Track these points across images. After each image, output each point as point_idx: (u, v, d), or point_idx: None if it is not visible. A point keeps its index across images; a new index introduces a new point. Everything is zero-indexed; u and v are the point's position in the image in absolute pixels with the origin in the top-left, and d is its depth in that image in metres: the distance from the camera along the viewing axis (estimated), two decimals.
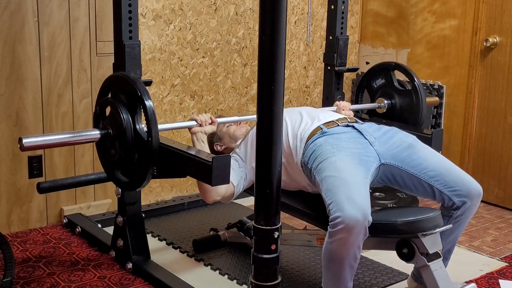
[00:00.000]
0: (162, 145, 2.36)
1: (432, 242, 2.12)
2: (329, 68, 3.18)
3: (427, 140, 2.70)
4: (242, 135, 2.62)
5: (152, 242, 2.94)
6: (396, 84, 3.02)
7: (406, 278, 2.64)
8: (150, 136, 2.08)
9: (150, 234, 3.06)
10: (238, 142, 2.56)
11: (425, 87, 3.67)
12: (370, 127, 2.39)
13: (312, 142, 2.27)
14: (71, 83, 3.10)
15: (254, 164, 2.40)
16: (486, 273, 2.75)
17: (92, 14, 3.10)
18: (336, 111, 2.86)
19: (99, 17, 3.12)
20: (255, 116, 1.74)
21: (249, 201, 3.54)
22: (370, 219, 1.95)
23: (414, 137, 2.41)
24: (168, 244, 2.98)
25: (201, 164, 2.15)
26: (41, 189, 2.52)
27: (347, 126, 2.37)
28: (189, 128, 2.39)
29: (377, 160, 2.25)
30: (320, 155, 2.19)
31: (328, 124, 2.35)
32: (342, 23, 3.15)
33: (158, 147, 2.10)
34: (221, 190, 2.33)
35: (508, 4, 3.54)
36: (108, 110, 2.23)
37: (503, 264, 2.85)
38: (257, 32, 1.69)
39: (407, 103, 2.97)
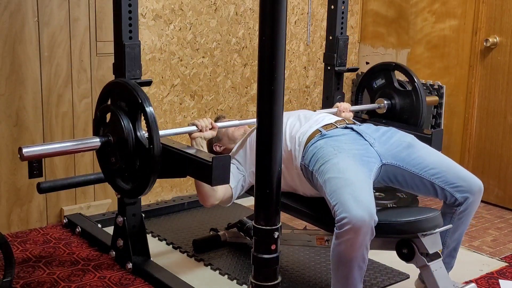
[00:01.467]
0: (162, 145, 2.37)
1: (432, 242, 2.12)
2: (329, 68, 3.18)
3: (427, 140, 2.70)
4: (241, 136, 2.62)
5: (152, 242, 2.94)
6: (396, 84, 3.02)
7: (406, 278, 2.64)
8: (151, 144, 2.07)
9: (150, 234, 3.06)
10: (235, 148, 2.56)
11: (425, 87, 3.67)
12: (368, 128, 2.40)
13: (312, 145, 2.27)
14: (71, 83, 3.10)
15: (254, 169, 2.42)
16: (486, 273, 2.75)
17: (92, 14, 3.10)
18: (336, 113, 2.86)
19: (99, 17, 3.12)
20: (255, 120, 1.74)
21: (249, 201, 3.54)
22: (376, 218, 1.96)
23: (413, 136, 2.42)
24: (168, 244, 2.98)
25: (201, 164, 2.15)
26: (41, 189, 2.52)
27: (346, 128, 2.37)
28: (189, 133, 2.39)
29: (378, 161, 2.25)
30: (322, 157, 2.19)
31: (327, 126, 2.35)
32: (342, 23, 3.15)
33: (160, 154, 2.09)
34: (219, 194, 2.33)
35: (508, 4, 3.54)
36: (108, 116, 2.22)
37: (503, 264, 2.85)
38: (257, 32, 1.69)
39: (407, 103, 2.97)
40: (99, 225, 3.09)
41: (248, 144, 2.47)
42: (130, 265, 2.63)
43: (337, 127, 2.35)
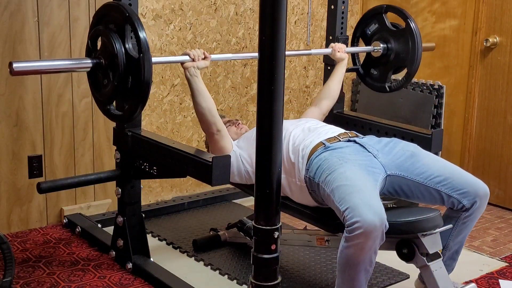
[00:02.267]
0: (162, 145, 2.37)
1: (432, 242, 2.12)
2: (329, 68, 3.18)
3: (427, 140, 2.70)
4: (241, 135, 2.64)
5: (152, 242, 2.94)
6: (389, 26, 2.99)
7: (406, 278, 2.64)
8: (140, 52, 2.04)
9: (150, 234, 3.06)
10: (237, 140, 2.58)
11: (425, 87, 3.67)
12: (371, 140, 2.40)
13: (316, 157, 2.27)
14: (71, 83, 3.10)
15: (249, 168, 2.44)
16: (486, 273, 2.75)
17: (92, 14, 3.10)
18: (331, 53, 2.91)
19: None
20: (252, 54, 1.73)
21: (249, 201, 3.54)
22: (387, 224, 1.96)
23: (415, 145, 2.42)
24: (168, 244, 2.98)
25: (201, 164, 2.15)
26: (41, 189, 2.52)
27: (349, 141, 2.37)
28: (182, 63, 2.38)
29: (383, 172, 2.25)
30: (328, 168, 2.19)
31: (330, 139, 2.35)
32: (342, 23, 3.15)
33: (150, 62, 2.06)
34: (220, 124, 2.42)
35: (508, 4, 3.54)
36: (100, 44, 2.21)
37: (503, 264, 2.85)
38: (257, 32, 1.69)
39: (403, 43, 2.94)
40: (99, 225, 3.09)
41: (251, 137, 2.48)
42: (130, 265, 2.63)
43: (340, 140, 2.35)
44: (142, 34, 2.04)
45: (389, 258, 2.62)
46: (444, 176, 2.25)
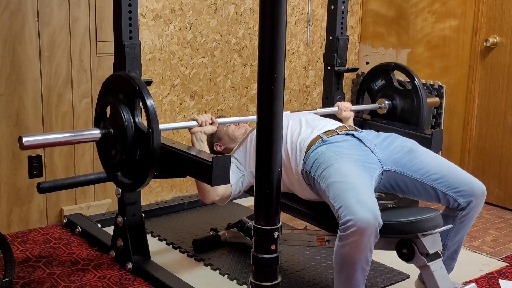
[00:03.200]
0: (162, 145, 2.37)
1: (432, 242, 2.12)
2: (329, 68, 3.18)
3: (427, 140, 2.70)
4: (241, 135, 2.62)
5: (152, 242, 2.94)
6: (396, 84, 3.02)
7: (406, 278, 2.64)
8: (150, 128, 2.06)
9: (150, 234, 3.06)
10: (235, 147, 2.56)
11: (425, 87, 3.67)
12: (369, 135, 2.40)
13: (313, 151, 2.27)
14: (71, 83, 3.10)
15: (253, 170, 2.42)
16: (486, 273, 2.75)
17: (92, 14, 3.10)
18: (337, 112, 2.86)
19: (99, 17, 3.12)
20: (255, 116, 1.74)
21: (249, 201, 3.54)
22: (381, 220, 1.96)
23: (414, 141, 2.41)
24: (168, 244, 2.98)
25: (201, 164, 2.14)
26: (41, 189, 2.52)
27: (347, 134, 2.37)
28: (189, 128, 2.40)
29: (380, 167, 2.25)
30: (324, 162, 2.19)
31: (328, 133, 2.35)
32: (342, 23, 3.15)
33: (159, 141, 2.08)
34: (220, 190, 2.34)
35: (508, 4, 3.54)
36: (108, 111, 2.23)
37: (503, 264, 2.85)
38: (257, 32, 1.69)
39: (408, 103, 2.96)
40: (99, 225, 3.09)
41: (248, 144, 2.47)
42: (130, 265, 2.63)
43: (338, 134, 2.35)
44: (151, 108, 2.05)
45: (389, 258, 2.62)
46: (440, 174, 2.25)
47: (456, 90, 3.85)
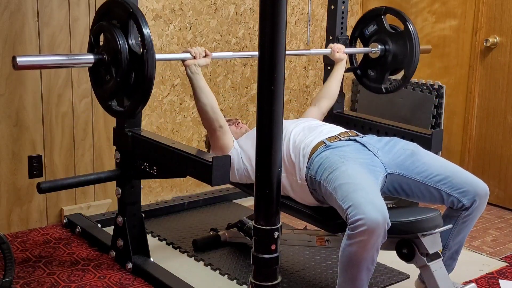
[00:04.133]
0: (162, 145, 2.37)
1: (432, 242, 2.12)
2: (329, 68, 3.18)
3: (427, 140, 2.70)
4: (241, 134, 2.64)
5: (152, 242, 2.94)
6: (388, 28, 3.00)
7: (406, 278, 2.64)
8: (144, 48, 2.03)
9: (150, 234, 3.06)
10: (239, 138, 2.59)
11: (425, 87, 3.67)
12: (371, 139, 2.41)
13: (317, 156, 2.27)
14: (71, 83, 3.10)
15: (248, 166, 2.44)
16: (486, 273, 2.75)
17: (92, 14, 3.10)
18: (330, 54, 2.92)
19: None
20: (253, 52, 1.73)
21: (249, 201, 3.54)
22: (389, 222, 1.96)
23: (415, 144, 2.42)
24: (168, 244, 2.98)
25: (201, 164, 2.15)
26: (41, 189, 2.51)
27: (349, 140, 2.38)
28: (183, 61, 2.39)
29: (384, 170, 2.26)
30: (329, 166, 2.19)
31: (331, 138, 2.36)
32: (342, 23, 3.15)
33: (154, 62, 2.05)
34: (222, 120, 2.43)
35: (508, 4, 3.54)
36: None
37: (503, 264, 2.85)
38: (257, 32, 1.69)
39: (400, 45, 2.94)
40: (99, 225, 3.09)
41: (249, 140, 2.48)
42: (130, 265, 2.63)
43: (341, 139, 2.36)
44: (146, 30, 2.03)
45: (389, 258, 2.62)
46: (444, 175, 2.25)
47: (456, 90, 3.85)
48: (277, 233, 1.74)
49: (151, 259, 2.67)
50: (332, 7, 3.15)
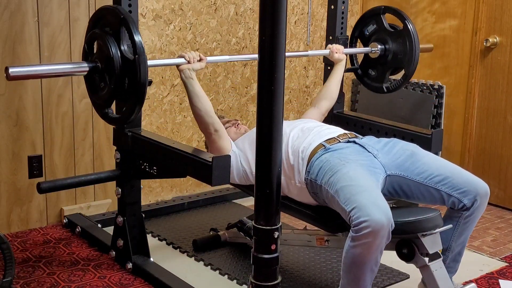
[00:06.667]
0: (162, 145, 2.37)
1: (432, 242, 2.12)
2: (329, 68, 3.18)
3: (427, 140, 2.70)
4: (241, 135, 2.64)
5: (152, 242, 2.94)
6: (387, 27, 3.00)
7: (406, 278, 2.64)
8: (136, 54, 2.04)
9: (150, 234, 3.06)
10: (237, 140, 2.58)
11: (425, 87, 3.67)
12: (370, 140, 2.40)
13: (317, 159, 2.27)
14: (71, 83, 3.10)
15: (247, 168, 2.44)
16: (486, 273, 2.75)
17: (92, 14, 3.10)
18: (329, 54, 2.92)
19: None
20: (250, 55, 1.73)
21: (249, 201, 3.54)
22: (393, 223, 1.96)
23: (415, 144, 2.42)
24: (168, 244, 2.98)
25: (201, 164, 2.15)
26: (41, 189, 2.52)
27: (348, 142, 2.37)
28: (177, 65, 2.39)
29: (383, 172, 2.26)
30: (330, 169, 2.19)
31: (330, 140, 2.35)
32: (342, 23, 3.15)
33: (146, 67, 2.07)
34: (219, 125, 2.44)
35: (508, 4, 3.54)
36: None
37: (503, 264, 2.85)
38: (257, 32, 1.69)
39: (400, 44, 2.95)
40: (99, 225, 3.09)
41: (247, 141, 2.48)
42: (130, 265, 2.63)
43: (340, 142, 2.35)
44: (137, 37, 2.05)
45: (389, 258, 2.62)
46: (444, 175, 2.25)
47: (456, 90, 3.85)
48: (277, 233, 1.74)
49: (151, 259, 2.67)
50: (332, 7, 3.15)
